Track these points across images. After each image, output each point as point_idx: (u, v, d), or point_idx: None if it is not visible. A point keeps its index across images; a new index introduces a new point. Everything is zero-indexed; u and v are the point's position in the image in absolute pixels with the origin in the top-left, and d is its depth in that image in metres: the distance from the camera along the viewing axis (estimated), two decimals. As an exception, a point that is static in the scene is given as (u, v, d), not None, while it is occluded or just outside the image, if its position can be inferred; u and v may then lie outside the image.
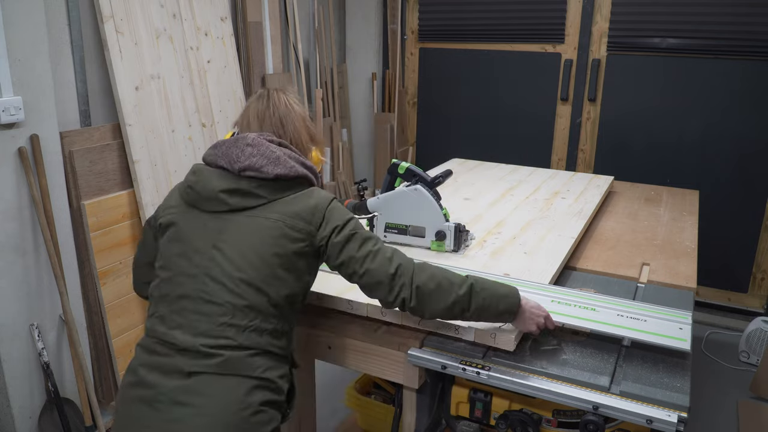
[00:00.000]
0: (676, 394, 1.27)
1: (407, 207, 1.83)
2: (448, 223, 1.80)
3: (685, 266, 1.93)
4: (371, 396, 2.31)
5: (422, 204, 1.81)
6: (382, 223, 1.89)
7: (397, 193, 1.86)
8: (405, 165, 1.89)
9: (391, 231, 1.88)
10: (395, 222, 1.87)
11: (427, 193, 1.81)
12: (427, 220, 1.82)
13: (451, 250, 1.81)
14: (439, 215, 1.80)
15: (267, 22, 3.43)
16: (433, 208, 1.80)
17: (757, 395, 2.95)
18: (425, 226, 1.82)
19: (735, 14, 3.37)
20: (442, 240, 1.80)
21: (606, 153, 3.90)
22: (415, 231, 1.85)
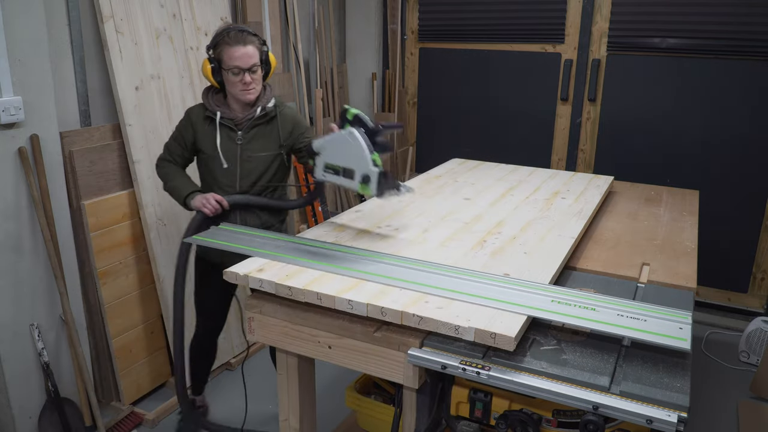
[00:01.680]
0: (676, 394, 1.27)
1: (342, 150, 1.88)
2: (373, 168, 1.82)
3: (685, 266, 1.93)
4: (371, 396, 2.31)
5: (354, 147, 1.84)
6: (321, 163, 1.95)
7: (334, 136, 1.92)
8: (353, 111, 1.92)
9: (329, 171, 1.94)
10: (332, 163, 1.92)
11: (359, 137, 1.83)
12: (357, 163, 1.85)
13: (374, 195, 1.84)
14: (366, 160, 1.82)
15: (267, 22, 3.43)
16: (362, 151, 1.83)
17: (757, 395, 2.95)
18: (354, 169, 1.86)
19: (735, 14, 3.37)
20: (367, 184, 1.83)
21: (606, 153, 3.90)
22: (346, 173, 1.90)
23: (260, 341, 1.74)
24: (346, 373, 2.86)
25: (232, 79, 2.08)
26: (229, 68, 2.07)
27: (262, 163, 2.20)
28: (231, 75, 2.08)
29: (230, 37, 2.07)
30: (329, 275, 1.64)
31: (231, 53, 2.06)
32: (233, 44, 2.06)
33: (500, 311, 1.46)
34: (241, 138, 2.16)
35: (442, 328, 1.42)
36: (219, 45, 2.08)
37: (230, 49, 2.06)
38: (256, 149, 2.19)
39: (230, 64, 2.06)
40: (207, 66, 2.10)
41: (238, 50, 2.06)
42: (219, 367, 3.07)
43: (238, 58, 2.06)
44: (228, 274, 1.68)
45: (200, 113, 2.18)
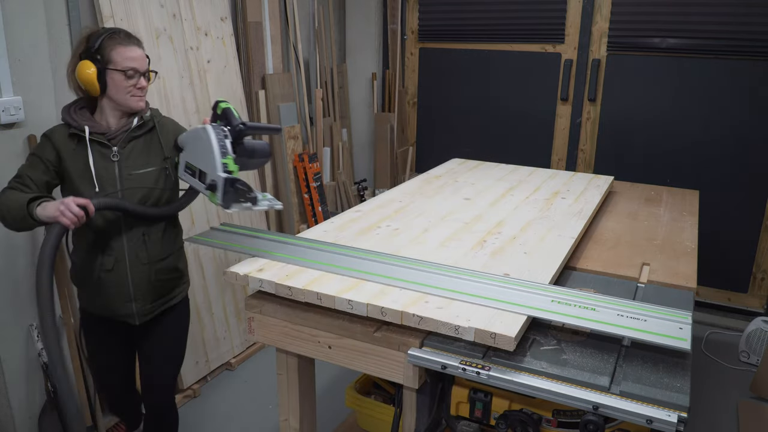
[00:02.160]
0: (676, 394, 1.27)
1: (198, 147, 1.60)
2: (220, 174, 1.54)
3: (685, 266, 1.93)
4: (371, 396, 2.31)
5: (206, 146, 1.56)
6: (183, 161, 1.70)
7: (193, 129, 1.65)
8: (223, 105, 1.68)
9: (188, 171, 1.68)
10: (191, 162, 1.67)
11: (211, 133, 1.56)
12: (207, 164, 1.59)
13: (220, 204, 1.57)
14: (214, 162, 1.54)
15: (267, 22, 3.43)
16: (210, 151, 1.54)
17: (757, 395, 2.95)
18: (207, 172, 1.59)
19: (735, 14, 3.37)
20: (214, 191, 1.56)
21: (606, 153, 3.90)
22: (200, 175, 1.62)
23: (260, 341, 1.74)
24: (346, 373, 2.86)
25: (123, 83, 1.78)
26: (123, 69, 1.76)
27: (146, 180, 1.85)
28: (123, 78, 1.77)
29: (121, 37, 1.80)
30: (329, 275, 1.64)
31: (125, 53, 1.77)
32: (127, 44, 1.79)
33: (500, 311, 1.46)
34: (117, 154, 1.81)
35: (442, 328, 1.42)
36: (107, 44, 1.76)
37: (124, 49, 1.78)
38: (137, 165, 1.84)
39: (125, 64, 1.77)
40: (89, 68, 1.74)
41: (134, 51, 1.80)
42: (219, 367, 3.07)
43: (134, 59, 1.79)
44: (228, 274, 1.68)
45: (62, 132, 1.80)
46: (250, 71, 3.35)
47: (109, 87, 1.78)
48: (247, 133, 1.66)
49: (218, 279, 3.02)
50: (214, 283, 3.01)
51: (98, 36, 1.77)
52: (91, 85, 1.76)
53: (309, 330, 1.61)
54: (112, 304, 1.89)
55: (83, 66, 1.75)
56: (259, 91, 3.40)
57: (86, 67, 1.75)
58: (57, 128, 1.83)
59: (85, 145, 1.79)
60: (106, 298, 1.89)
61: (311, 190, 3.71)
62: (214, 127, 1.61)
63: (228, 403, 2.85)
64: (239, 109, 3.19)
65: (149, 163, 1.86)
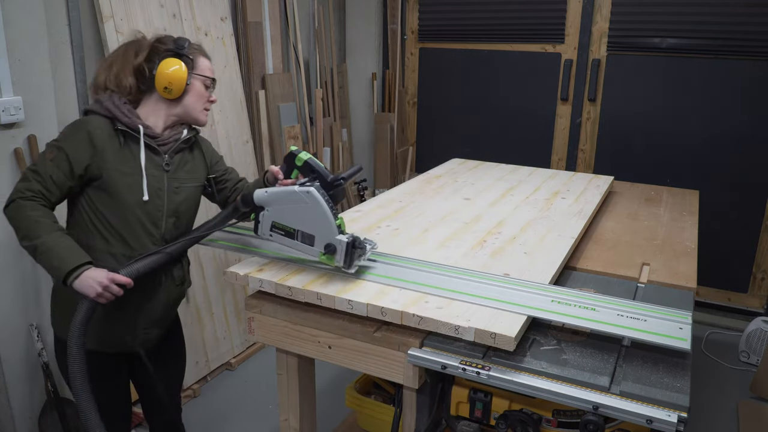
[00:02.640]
0: (676, 394, 1.27)
1: (297, 209, 1.57)
2: (340, 237, 1.53)
3: (685, 266, 1.93)
4: (371, 396, 2.31)
5: (314, 210, 1.54)
6: (268, 221, 1.63)
7: (287, 192, 1.58)
8: (303, 157, 1.65)
9: (278, 231, 1.62)
10: (283, 223, 1.61)
11: (320, 198, 1.53)
12: (318, 228, 1.55)
13: (341, 266, 1.56)
14: (331, 226, 1.53)
15: (267, 22, 3.43)
16: (325, 216, 1.53)
17: (757, 395, 2.95)
18: (315, 234, 1.56)
19: (735, 14, 3.38)
20: (332, 254, 1.55)
21: (606, 153, 3.90)
22: (304, 237, 1.59)
23: (260, 341, 1.74)
24: (346, 373, 2.86)
25: (203, 93, 1.72)
26: (205, 77, 1.73)
27: (190, 196, 1.77)
28: (203, 87, 1.72)
29: (201, 47, 1.77)
30: (329, 275, 1.64)
31: (206, 63, 1.74)
32: (205, 55, 1.76)
33: (500, 311, 1.46)
34: (168, 163, 1.69)
35: (442, 328, 1.42)
36: (192, 50, 1.71)
37: (204, 59, 1.74)
38: (183, 179, 1.73)
39: (207, 72, 1.74)
40: (182, 66, 1.65)
41: (209, 62, 1.77)
42: (219, 367, 3.07)
43: (211, 70, 1.77)
44: (228, 274, 1.68)
45: (105, 127, 1.61)
46: (250, 71, 3.35)
47: (189, 94, 1.69)
48: (342, 184, 1.62)
49: (218, 279, 3.02)
50: (214, 283, 3.01)
51: (180, 40, 1.70)
52: (179, 82, 1.65)
53: (309, 330, 1.61)
54: (128, 334, 1.71)
55: (171, 62, 1.64)
56: (259, 91, 3.40)
57: (175, 64, 1.64)
58: (95, 120, 1.61)
59: (132, 146, 1.64)
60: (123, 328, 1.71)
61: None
62: (317, 188, 1.56)
63: (228, 403, 2.85)
64: (239, 109, 3.19)
65: (194, 178, 1.77)
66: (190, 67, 1.69)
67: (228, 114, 3.11)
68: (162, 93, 1.66)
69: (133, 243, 1.65)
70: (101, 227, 1.63)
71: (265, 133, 3.46)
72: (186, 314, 2.84)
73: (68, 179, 1.57)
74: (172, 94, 1.66)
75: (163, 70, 1.64)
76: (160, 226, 1.68)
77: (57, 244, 1.51)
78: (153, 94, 1.69)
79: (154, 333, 1.79)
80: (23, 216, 1.51)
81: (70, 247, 1.53)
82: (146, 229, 1.66)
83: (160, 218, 1.68)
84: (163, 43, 1.69)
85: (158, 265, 1.65)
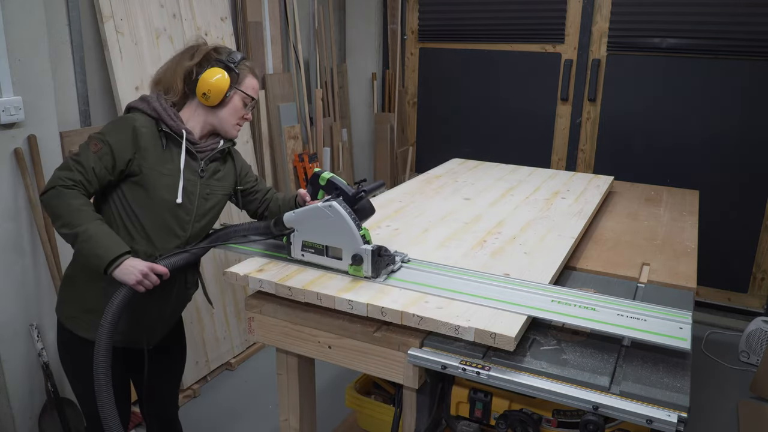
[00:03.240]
0: (676, 394, 1.27)
1: (324, 225, 1.62)
2: (365, 246, 1.59)
3: (685, 266, 1.93)
4: (371, 396, 2.31)
5: (338, 223, 1.60)
6: (298, 241, 1.69)
7: (312, 210, 1.64)
8: (326, 176, 1.73)
9: (308, 250, 1.68)
10: (312, 241, 1.67)
11: (342, 210, 1.59)
12: (344, 241, 1.61)
13: (369, 276, 1.60)
14: (355, 237, 1.59)
15: (267, 22, 3.43)
16: (348, 228, 1.58)
17: (757, 395, 2.95)
18: (342, 247, 1.62)
19: (735, 14, 3.38)
20: (359, 264, 1.59)
21: (606, 153, 3.90)
22: (333, 252, 1.65)
23: (260, 341, 1.74)
24: (346, 373, 2.86)
25: (239, 108, 1.76)
26: (247, 95, 1.76)
27: (219, 203, 1.81)
28: (241, 103, 1.76)
29: (254, 66, 1.81)
30: (329, 275, 1.64)
31: (252, 82, 1.78)
32: (255, 76, 1.80)
33: (500, 311, 1.46)
34: (203, 169, 1.74)
35: (442, 328, 1.42)
36: (244, 66, 1.76)
37: (252, 78, 1.78)
38: (215, 186, 1.79)
39: (250, 91, 1.77)
40: (224, 77, 1.69)
41: (258, 83, 1.81)
42: (219, 367, 3.07)
43: (257, 90, 1.81)
44: (228, 274, 1.68)
45: (150, 127, 1.66)
46: (250, 71, 3.35)
47: (227, 106, 1.73)
48: (364, 197, 1.68)
49: (218, 279, 3.02)
50: (214, 283, 3.01)
51: (234, 54, 1.74)
52: (217, 91, 1.68)
53: (309, 330, 1.61)
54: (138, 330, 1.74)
55: (216, 71, 1.69)
56: (259, 91, 3.40)
57: (218, 73, 1.69)
58: (141, 118, 1.65)
59: (173, 148, 1.68)
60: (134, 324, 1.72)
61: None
62: (339, 202, 1.62)
63: (228, 403, 2.85)
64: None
65: (224, 186, 1.82)
66: (234, 81, 1.72)
67: (228, 114, 3.11)
68: (200, 98, 1.70)
69: (158, 242, 1.67)
70: (129, 224, 1.65)
71: (265, 133, 3.46)
72: (186, 314, 2.83)
73: (109, 173, 1.60)
74: (210, 101, 1.70)
75: (207, 77, 1.68)
76: (187, 230, 1.72)
77: (99, 233, 1.54)
78: (194, 99, 1.74)
79: (161, 331, 1.82)
80: (64, 204, 1.54)
81: (111, 235, 1.56)
82: (173, 231, 1.69)
83: (188, 222, 1.72)
84: (218, 52, 1.74)
85: (191, 261, 1.73)
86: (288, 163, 3.56)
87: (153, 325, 1.78)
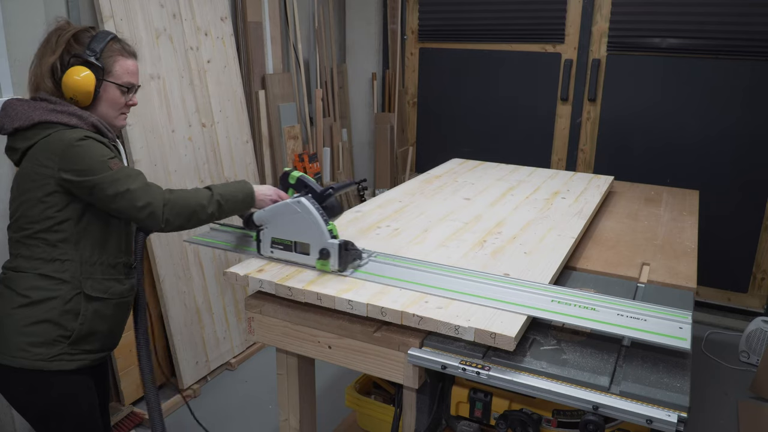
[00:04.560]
0: (676, 394, 1.27)
1: (292, 221, 1.66)
2: (332, 241, 1.62)
3: (685, 266, 1.93)
4: (371, 396, 2.31)
5: (305, 218, 1.63)
6: (268, 238, 1.72)
7: (280, 206, 1.68)
8: (296, 175, 1.77)
9: (277, 246, 1.71)
10: (281, 237, 1.70)
11: (309, 206, 1.63)
12: (311, 236, 1.64)
13: (336, 270, 1.64)
14: (321, 231, 1.62)
15: (267, 22, 3.43)
16: (315, 223, 1.62)
17: (757, 395, 2.95)
18: (309, 242, 1.65)
19: (735, 14, 3.38)
20: (326, 259, 1.63)
21: (606, 153, 3.90)
22: (300, 248, 1.68)
23: (260, 341, 1.74)
24: (346, 373, 2.87)
25: (117, 99, 1.61)
26: (122, 83, 1.60)
27: None
28: (118, 92, 1.60)
29: (123, 46, 1.62)
30: (329, 275, 1.64)
31: (126, 65, 1.60)
32: (128, 55, 1.62)
33: (500, 311, 1.46)
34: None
35: (442, 328, 1.42)
36: (109, 52, 1.58)
37: (124, 61, 1.60)
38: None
39: (124, 79, 1.60)
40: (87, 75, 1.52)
41: (134, 63, 1.64)
42: (219, 367, 3.07)
43: (133, 73, 1.63)
44: (228, 274, 1.68)
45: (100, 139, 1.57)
46: (250, 71, 3.35)
47: (102, 100, 1.59)
48: (333, 194, 1.73)
49: (218, 279, 3.02)
50: (214, 283, 3.01)
51: (97, 39, 1.57)
52: (84, 95, 1.54)
53: (309, 330, 1.61)
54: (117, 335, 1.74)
55: (76, 71, 1.52)
56: (259, 91, 3.40)
57: (80, 73, 1.52)
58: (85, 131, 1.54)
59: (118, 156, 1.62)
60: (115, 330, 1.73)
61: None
62: (307, 198, 1.66)
63: (228, 403, 2.85)
64: (239, 109, 3.19)
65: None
66: (101, 73, 1.56)
67: (228, 114, 3.12)
68: (70, 102, 1.55)
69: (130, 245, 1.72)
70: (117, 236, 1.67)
71: (265, 133, 3.46)
72: (186, 314, 2.84)
73: None
74: (81, 103, 1.56)
75: (68, 79, 1.52)
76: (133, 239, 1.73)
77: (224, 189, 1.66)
78: None
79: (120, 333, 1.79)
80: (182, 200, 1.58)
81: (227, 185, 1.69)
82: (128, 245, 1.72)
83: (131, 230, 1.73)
84: (78, 41, 1.57)
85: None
86: (288, 163, 3.57)
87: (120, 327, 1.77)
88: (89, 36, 1.58)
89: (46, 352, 1.55)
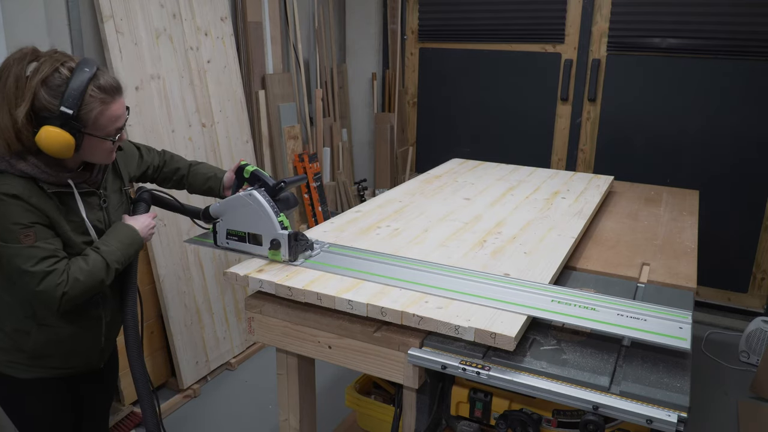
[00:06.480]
0: (676, 394, 1.27)
1: (245, 213, 1.73)
2: (282, 232, 1.69)
3: (685, 266, 1.93)
4: (371, 396, 2.31)
5: (257, 211, 1.71)
6: (223, 230, 1.80)
7: (233, 199, 1.75)
8: (250, 169, 1.82)
9: (232, 238, 1.79)
10: (235, 229, 1.78)
11: (261, 198, 1.70)
12: (263, 227, 1.72)
13: (286, 259, 1.71)
14: (273, 223, 1.69)
15: (267, 22, 3.43)
16: (267, 214, 1.69)
17: (757, 395, 2.95)
18: (262, 233, 1.73)
19: (735, 14, 3.38)
20: (277, 249, 1.70)
21: (606, 153, 3.90)
22: (252, 239, 1.75)
23: (260, 341, 1.74)
24: (346, 373, 2.87)
25: (104, 146, 1.44)
26: (108, 135, 1.43)
27: (122, 202, 1.68)
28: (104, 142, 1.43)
29: (105, 88, 1.39)
30: (329, 275, 1.64)
31: (110, 113, 1.41)
32: (111, 99, 1.40)
33: (500, 311, 1.46)
34: (105, 196, 1.57)
35: (442, 328, 1.42)
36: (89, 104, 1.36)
37: (109, 109, 1.40)
38: (115, 203, 1.63)
39: (109, 128, 1.42)
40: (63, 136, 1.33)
41: (118, 106, 1.43)
42: (219, 367, 3.07)
43: (120, 117, 1.44)
44: (228, 274, 1.68)
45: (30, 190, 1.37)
46: (250, 71, 3.35)
47: (84, 150, 1.41)
48: (285, 188, 1.78)
49: (218, 279, 3.02)
50: (214, 283, 3.01)
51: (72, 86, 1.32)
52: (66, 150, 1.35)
53: (309, 330, 1.61)
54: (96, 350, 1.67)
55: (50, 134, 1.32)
56: (259, 91, 3.40)
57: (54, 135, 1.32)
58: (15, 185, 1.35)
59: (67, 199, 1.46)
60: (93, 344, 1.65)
61: (311, 190, 3.71)
62: (259, 191, 1.72)
63: (228, 403, 2.85)
64: (239, 109, 3.19)
65: (118, 189, 1.66)
66: (79, 129, 1.36)
67: (228, 114, 3.12)
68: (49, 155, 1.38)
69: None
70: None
71: (265, 133, 3.46)
72: (186, 314, 2.84)
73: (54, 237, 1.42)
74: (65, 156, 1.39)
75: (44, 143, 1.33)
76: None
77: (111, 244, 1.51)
78: None
79: (109, 350, 1.76)
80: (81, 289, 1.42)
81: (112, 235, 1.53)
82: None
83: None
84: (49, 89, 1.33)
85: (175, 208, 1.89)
86: (288, 163, 3.57)
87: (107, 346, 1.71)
88: (61, 79, 1.34)
89: (2, 358, 1.53)
